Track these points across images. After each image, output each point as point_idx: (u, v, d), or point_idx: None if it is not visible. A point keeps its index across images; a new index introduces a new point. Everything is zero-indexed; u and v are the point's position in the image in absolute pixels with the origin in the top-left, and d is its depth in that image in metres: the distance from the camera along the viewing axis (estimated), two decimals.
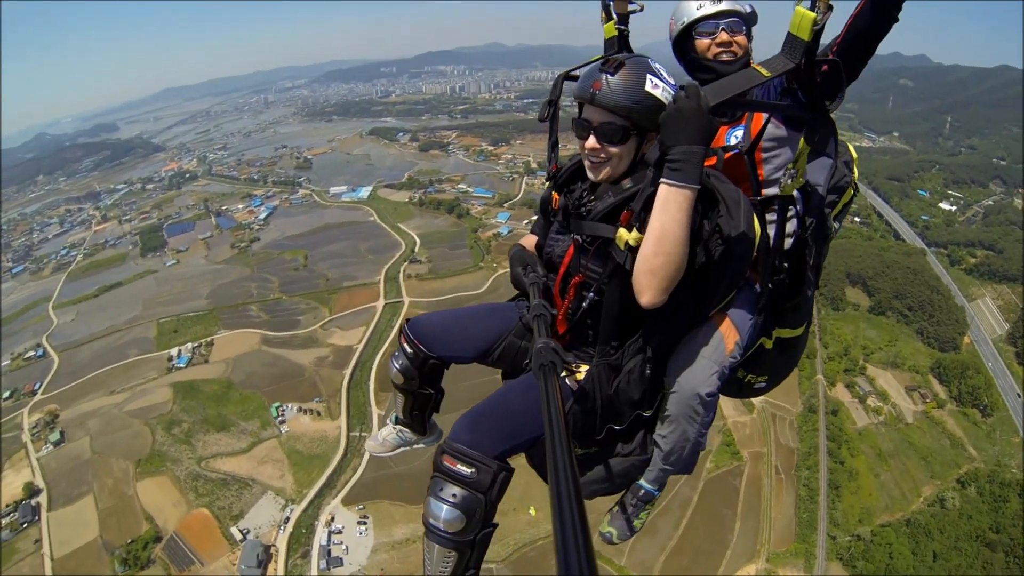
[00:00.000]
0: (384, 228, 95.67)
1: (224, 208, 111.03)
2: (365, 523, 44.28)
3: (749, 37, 2.73)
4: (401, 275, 78.75)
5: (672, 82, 2.06)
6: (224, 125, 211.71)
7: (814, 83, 2.03)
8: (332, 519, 45.01)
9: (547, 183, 2.61)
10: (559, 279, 2.45)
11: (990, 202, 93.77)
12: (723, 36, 2.68)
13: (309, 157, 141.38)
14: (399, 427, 3.20)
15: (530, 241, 2.93)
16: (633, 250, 1.98)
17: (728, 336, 2.34)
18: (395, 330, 65.80)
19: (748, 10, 2.74)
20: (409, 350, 2.70)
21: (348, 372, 60.10)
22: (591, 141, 2.12)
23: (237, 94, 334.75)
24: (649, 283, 1.90)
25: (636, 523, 2.73)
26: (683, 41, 2.80)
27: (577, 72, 2.30)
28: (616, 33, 3.15)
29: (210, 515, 45.72)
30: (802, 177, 2.41)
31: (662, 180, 1.88)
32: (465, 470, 2.04)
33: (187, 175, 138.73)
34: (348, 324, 68.61)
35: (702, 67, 2.74)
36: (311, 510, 46.03)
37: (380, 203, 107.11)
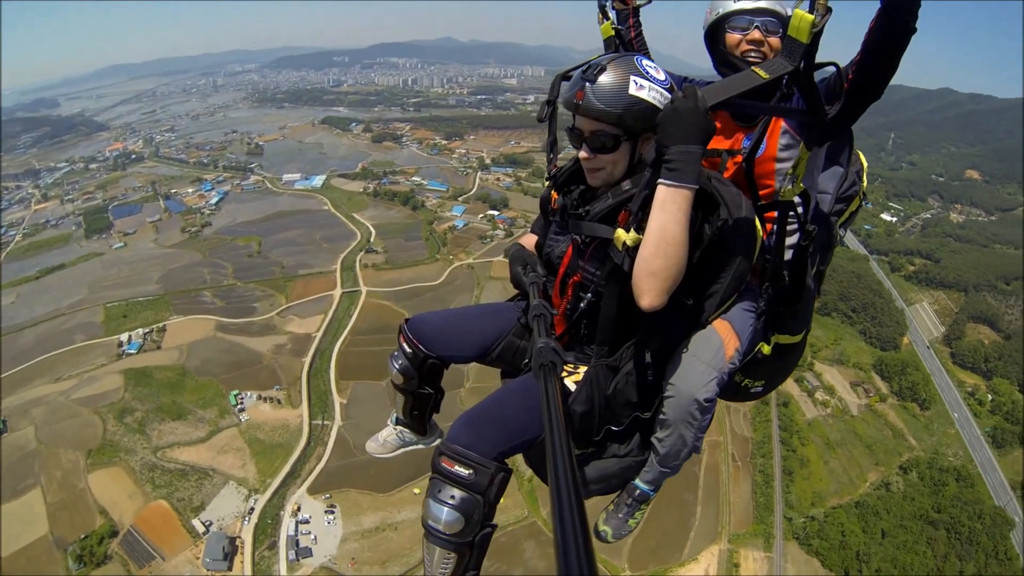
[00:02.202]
0: (338, 217, 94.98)
1: (173, 191, 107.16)
2: (333, 512, 43.72)
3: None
4: (357, 264, 78.39)
5: (662, 78, 2.03)
6: (171, 106, 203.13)
7: (813, 87, 1.99)
8: (298, 509, 44.15)
9: (547, 183, 2.58)
10: (558, 279, 2.45)
11: (928, 215, 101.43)
12: (755, 34, 2.56)
13: (260, 143, 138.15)
14: (399, 428, 3.17)
15: (530, 240, 2.90)
16: (631, 251, 1.96)
17: (728, 342, 2.31)
18: (353, 319, 66.05)
19: (789, 13, 2.52)
20: (408, 350, 2.69)
21: (308, 360, 59.30)
22: (583, 151, 2.13)
23: (185, 75, 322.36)
24: (650, 285, 1.87)
25: (631, 522, 2.73)
26: (715, 32, 2.69)
27: (573, 73, 2.22)
28: (612, 33, 3.15)
29: (169, 507, 44.05)
30: (802, 183, 2.39)
31: (660, 181, 1.86)
32: (463, 471, 2.03)
33: (133, 156, 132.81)
34: (305, 312, 67.75)
35: (729, 63, 2.64)
36: (276, 500, 45.04)
37: (334, 192, 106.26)
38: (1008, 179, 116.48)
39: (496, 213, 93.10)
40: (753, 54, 2.57)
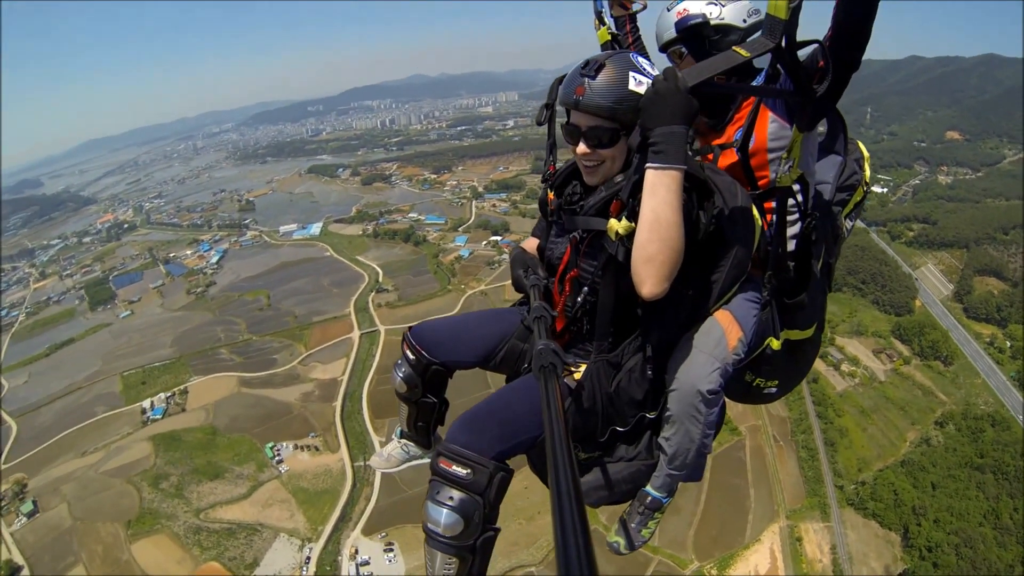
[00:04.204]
0: (343, 262, 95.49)
1: (171, 255, 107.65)
2: (392, 550, 43.32)
3: (706, 45, 2.71)
4: (371, 305, 78.61)
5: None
6: (155, 173, 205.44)
7: (798, 65, 2.00)
8: (356, 551, 43.73)
9: (543, 185, 2.57)
10: (557, 277, 2.44)
11: (917, 181, 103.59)
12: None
13: (251, 199, 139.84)
14: (404, 441, 3.11)
15: (531, 244, 2.86)
16: (624, 239, 1.95)
17: (730, 332, 2.25)
18: (377, 358, 65.88)
19: (697, 21, 2.69)
20: (412, 357, 2.68)
21: (338, 404, 59.20)
22: (581, 147, 2.11)
23: (163, 142, 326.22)
24: (648, 272, 1.84)
25: (644, 532, 2.61)
26: None
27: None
28: (609, 38, 3.22)
29: (221, 568, 43.39)
30: (799, 168, 2.36)
31: (647, 165, 1.85)
32: (461, 471, 1.99)
33: (125, 226, 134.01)
34: (327, 358, 67.75)
35: None
36: (331, 546, 44.66)
37: (333, 238, 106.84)
38: (987, 134, 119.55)
39: (499, 238, 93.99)
40: None
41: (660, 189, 1.82)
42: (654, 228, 1.82)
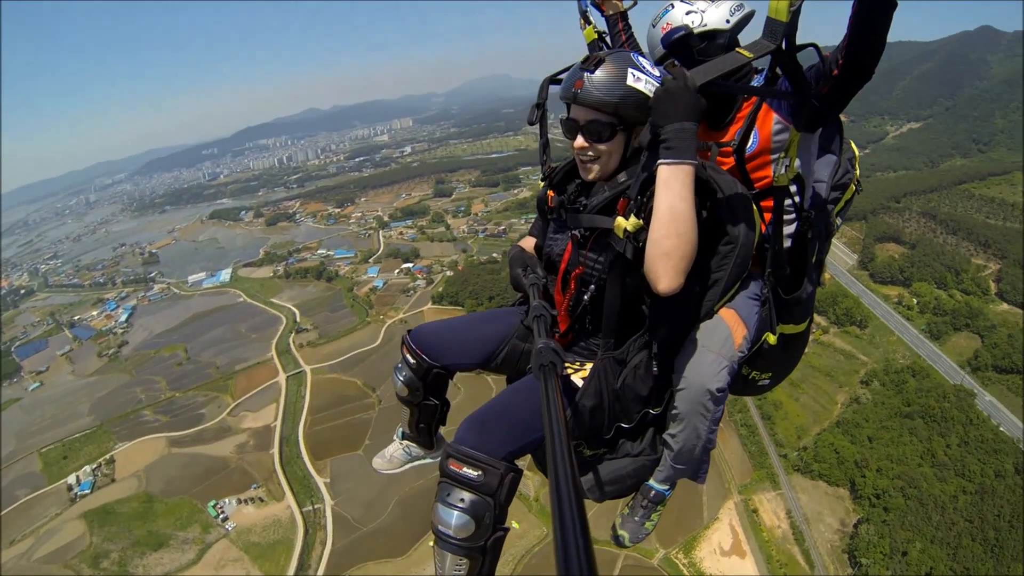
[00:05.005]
0: (258, 306, 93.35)
1: (76, 318, 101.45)
2: None
3: (694, 54, 2.76)
4: (292, 347, 77.02)
5: (657, 74, 2.10)
6: (48, 233, 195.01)
7: (797, 66, 2.03)
8: None
9: (542, 183, 2.59)
10: (559, 276, 2.43)
11: None
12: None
13: (154, 251, 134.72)
14: (406, 442, 3.09)
15: (529, 243, 2.89)
16: (632, 237, 1.97)
17: (736, 330, 2.29)
18: (307, 399, 64.96)
19: (680, 34, 2.75)
20: (412, 360, 2.64)
21: (276, 451, 57.41)
22: (579, 140, 2.16)
23: (53, 198, 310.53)
24: (665, 267, 1.85)
25: (648, 524, 2.67)
26: None
27: (563, 76, 2.26)
28: (596, 37, 3.27)
29: None
30: (796, 168, 2.39)
31: (660, 161, 1.88)
32: (472, 473, 1.98)
33: (21, 291, 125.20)
34: (256, 405, 65.81)
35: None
36: None
37: (244, 283, 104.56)
38: (870, 114, 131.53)
39: (411, 265, 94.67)
40: None
41: (674, 183, 1.85)
42: (670, 223, 1.84)
